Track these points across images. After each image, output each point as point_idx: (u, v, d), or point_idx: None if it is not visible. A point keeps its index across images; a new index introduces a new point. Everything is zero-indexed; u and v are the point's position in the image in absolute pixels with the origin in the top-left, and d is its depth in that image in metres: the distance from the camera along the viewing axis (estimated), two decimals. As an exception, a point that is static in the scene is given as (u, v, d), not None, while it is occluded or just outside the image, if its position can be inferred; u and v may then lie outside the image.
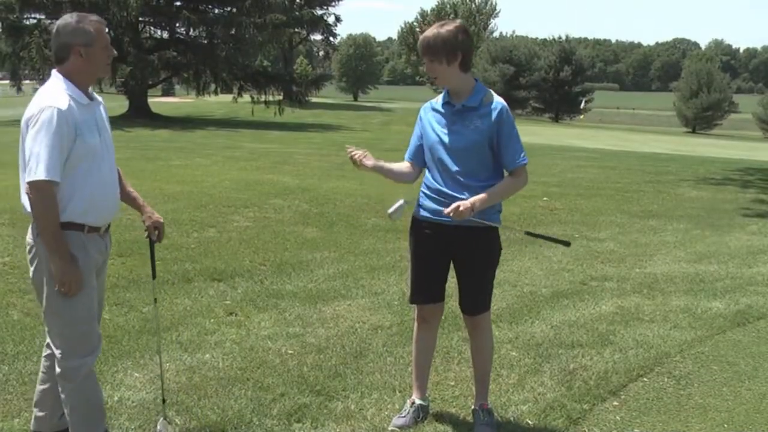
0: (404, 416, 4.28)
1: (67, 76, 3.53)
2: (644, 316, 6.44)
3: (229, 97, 41.67)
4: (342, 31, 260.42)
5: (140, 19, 35.87)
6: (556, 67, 59.81)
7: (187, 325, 5.78)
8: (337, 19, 52.45)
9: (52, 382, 3.74)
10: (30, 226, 3.58)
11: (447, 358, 5.26)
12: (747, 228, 11.27)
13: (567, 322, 6.18)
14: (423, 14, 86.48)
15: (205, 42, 37.96)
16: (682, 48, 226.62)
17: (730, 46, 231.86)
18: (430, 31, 3.96)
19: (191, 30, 37.69)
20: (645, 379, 5.06)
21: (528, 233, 4.62)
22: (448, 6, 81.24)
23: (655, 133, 47.70)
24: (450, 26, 3.97)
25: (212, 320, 5.93)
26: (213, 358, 5.12)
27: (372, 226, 9.85)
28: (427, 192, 4.15)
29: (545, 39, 77.49)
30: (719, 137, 49.41)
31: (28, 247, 3.59)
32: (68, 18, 3.53)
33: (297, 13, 50.39)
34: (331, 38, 57.57)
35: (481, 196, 3.98)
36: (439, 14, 78.99)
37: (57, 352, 3.56)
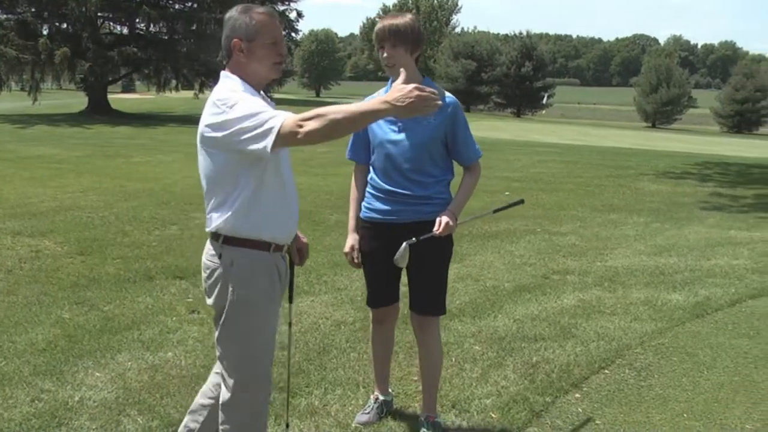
0: (368, 412, 4.27)
1: (234, 73, 3.11)
2: (605, 308, 6.51)
3: (190, 94, 41.35)
4: (304, 27, 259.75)
5: (99, 14, 35.49)
6: (517, 63, 60.09)
7: (149, 324, 5.73)
8: (299, 14, 52.04)
9: (214, 399, 3.45)
10: (206, 245, 3.23)
11: (410, 353, 5.26)
12: (705, 221, 11.44)
13: (529, 316, 6.22)
14: (385, 10, 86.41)
15: (166, 38, 37.67)
16: (641, 44, 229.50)
17: (688, 41, 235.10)
18: (396, 19, 3.83)
19: (151, 25, 37.35)
20: (606, 371, 5.11)
21: (495, 211, 4.57)
22: (410, 1, 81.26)
23: (615, 128, 48.15)
24: (412, 17, 3.89)
25: (174, 318, 5.88)
26: (175, 356, 5.08)
27: (335, 222, 9.83)
28: (375, 192, 4.02)
29: (507, 35, 77.82)
30: (678, 132, 50.03)
31: (207, 272, 3.19)
32: (233, 9, 3.11)
33: (258, 8, 50.11)
34: (293, 34, 57.20)
35: (456, 202, 3.96)
36: (401, 9, 79.03)
37: (229, 381, 3.20)
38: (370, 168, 4.08)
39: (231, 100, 2.94)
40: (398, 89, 2.74)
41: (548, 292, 6.95)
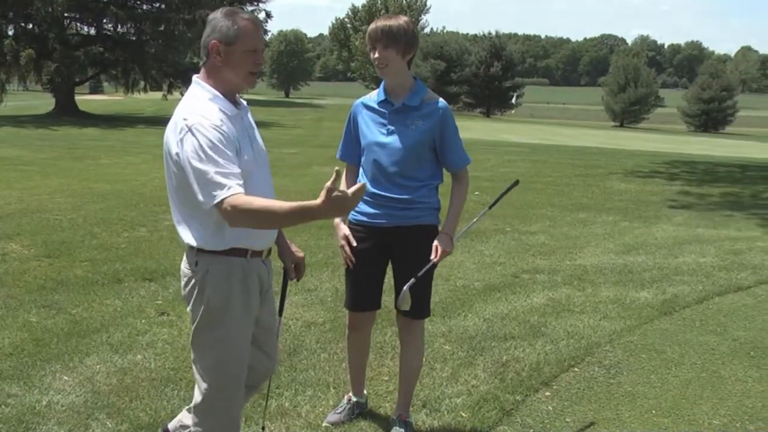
0: (339, 412, 4.26)
1: (207, 79, 3.06)
2: (575, 307, 6.55)
3: (158, 95, 41.12)
4: (273, 28, 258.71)
5: (66, 14, 35.15)
6: (486, 63, 60.32)
7: (117, 326, 5.68)
8: (268, 15, 51.76)
9: None
10: (185, 254, 3.22)
11: (381, 354, 5.27)
12: (673, 219, 11.55)
13: (499, 315, 6.24)
14: (354, 10, 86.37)
15: (134, 39, 37.41)
16: (609, 44, 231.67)
17: (655, 41, 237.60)
18: (390, 20, 3.79)
19: (119, 26, 37.08)
20: (576, 369, 5.15)
21: (491, 206, 4.50)
22: (379, 2, 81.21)
23: (584, 128, 48.51)
24: (406, 19, 3.85)
25: (143, 320, 5.84)
26: (145, 358, 5.05)
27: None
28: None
29: (476, 35, 78.16)
30: (646, 131, 50.52)
31: (184, 280, 3.21)
32: (218, 11, 3.06)
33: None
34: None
35: (449, 221, 3.95)
36: (370, 10, 78.86)
37: (202, 386, 3.17)
38: (360, 170, 4.05)
39: (192, 119, 2.90)
40: (330, 195, 2.67)
41: (518, 291, 6.98)
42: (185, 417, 3.51)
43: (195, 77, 3.11)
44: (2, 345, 5.21)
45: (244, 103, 3.22)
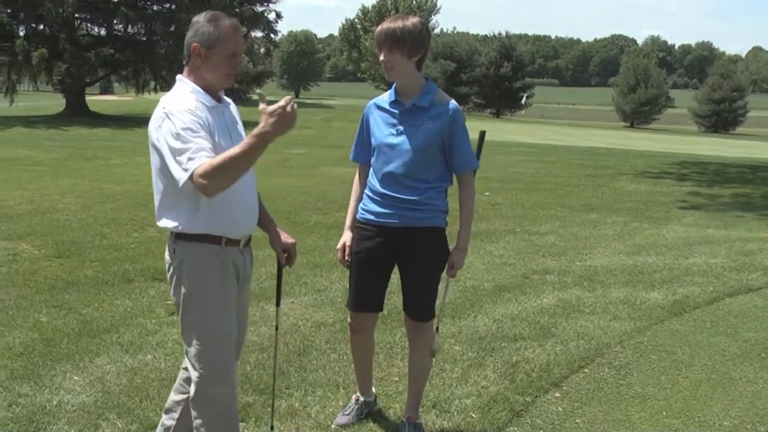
0: (348, 414, 4.26)
1: (189, 76, 3.22)
2: (585, 308, 6.53)
3: (169, 95, 41.17)
4: (283, 28, 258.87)
5: (76, 15, 35.27)
6: (496, 63, 60.21)
7: (128, 326, 5.70)
8: (278, 15, 51.75)
9: (186, 395, 3.46)
10: (168, 243, 3.30)
11: (390, 354, 5.26)
12: (683, 220, 11.52)
13: (509, 316, 6.23)
14: (364, 11, 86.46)
15: (144, 39, 37.50)
16: (619, 44, 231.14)
17: (665, 42, 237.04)
18: (396, 22, 3.76)
19: (129, 27, 37.18)
20: (586, 370, 5.13)
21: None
22: (389, 2, 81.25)
23: (594, 128, 48.40)
24: (415, 20, 3.81)
25: (154, 321, 5.85)
26: (155, 359, 5.06)
27: (314, 224, 9.81)
28: (371, 194, 4.00)
29: (486, 35, 78.01)
30: (656, 131, 50.37)
31: (166, 267, 3.31)
32: (201, 15, 3.22)
33: (237, 9, 49.92)
34: (272, 35, 56.96)
35: (462, 235, 4.00)
36: (380, 11, 78.97)
37: (194, 375, 3.25)
38: (370, 170, 4.05)
39: (169, 107, 3.08)
40: (267, 113, 2.85)
41: (528, 292, 6.97)
42: (166, 419, 3.66)
43: (179, 76, 3.27)
44: (13, 345, 5.23)
45: (228, 100, 3.40)
